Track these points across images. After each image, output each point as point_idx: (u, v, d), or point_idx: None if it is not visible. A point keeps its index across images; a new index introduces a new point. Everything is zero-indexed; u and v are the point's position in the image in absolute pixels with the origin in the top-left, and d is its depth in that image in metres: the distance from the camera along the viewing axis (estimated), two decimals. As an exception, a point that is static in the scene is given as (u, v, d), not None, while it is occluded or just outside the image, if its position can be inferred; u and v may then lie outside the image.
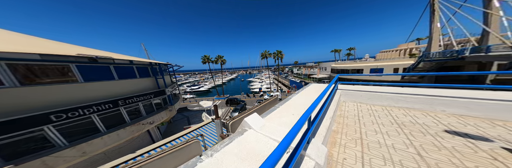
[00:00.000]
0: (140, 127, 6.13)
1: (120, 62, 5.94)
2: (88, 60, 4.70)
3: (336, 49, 38.08)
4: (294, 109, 1.93)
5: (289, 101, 2.32)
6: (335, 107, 2.04)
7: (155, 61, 8.09)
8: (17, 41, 3.92)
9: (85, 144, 4.03)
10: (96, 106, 4.49)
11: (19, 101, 3.20)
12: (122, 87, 5.87)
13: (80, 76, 4.41)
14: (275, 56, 22.70)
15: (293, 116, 1.67)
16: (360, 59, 31.80)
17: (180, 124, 12.66)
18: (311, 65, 53.53)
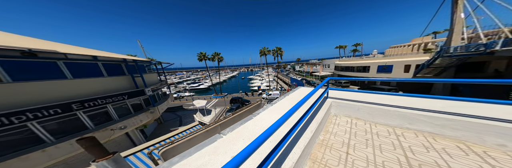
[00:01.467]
0: (108, 133, 5.25)
1: (75, 57, 4.92)
2: (20, 54, 3.69)
3: (341, 45, 35.26)
4: (259, 127, 1.38)
5: (263, 113, 1.76)
6: (317, 126, 1.38)
7: (130, 58, 7.01)
8: None
9: (15, 160, 3.13)
10: (32, 113, 3.54)
11: None
12: (81, 88, 4.90)
13: (4, 75, 3.41)
14: (275, 53, 21.36)
15: (243, 142, 1.14)
16: (367, 55, 29.32)
17: (171, 125, 11.95)
18: (314, 62, 51.31)
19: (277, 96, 18.39)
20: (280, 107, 1.94)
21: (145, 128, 8.69)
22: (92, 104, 4.94)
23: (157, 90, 9.38)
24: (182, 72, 78.01)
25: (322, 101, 1.99)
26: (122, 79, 6.58)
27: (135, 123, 6.50)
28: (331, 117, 1.99)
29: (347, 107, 1.94)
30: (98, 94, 5.24)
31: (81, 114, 4.73)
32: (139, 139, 8.14)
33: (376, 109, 1.72)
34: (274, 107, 1.92)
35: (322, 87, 1.77)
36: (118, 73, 6.46)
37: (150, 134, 10.08)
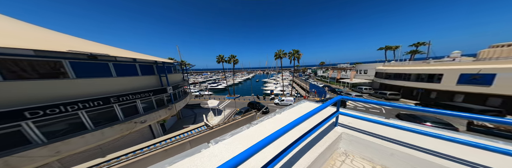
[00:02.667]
0: (132, 125, 6.06)
1: (122, 59, 6.09)
2: (88, 57, 4.84)
3: (388, 46, 25.67)
4: None
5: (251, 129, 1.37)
6: (308, 166, 0.91)
7: (161, 60, 8.16)
8: (15, 33, 4.23)
9: (60, 143, 3.95)
10: (82, 103, 4.47)
11: (7, 95, 3.26)
12: (119, 84, 5.95)
13: (72, 72, 4.50)
14: (291, 56, 19.79)
15: None
16: (438, 58, 19.16)
17: (188, 121, 13.02)
18: (344, 66, 43.92)
19: (290, 103, 16.74)
20: (274, 122, 1.53)
21: (164, 122, 9.76)
22: (125, 99, 5.87)
23: (179, 88, 10.49)
24: (207, 73, 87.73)
25: (326, 130, 1.37)
26: (151, 78, 7.66)
27: (155, 118, 7.28)
28: (337, 156, 1.30)
29: (369, 147, 1.20)
30: (131, 90, 6.22)
31: (116, 107, 5.66)
32: (159, 132, 9.12)
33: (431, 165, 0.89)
34: (264, 124, 1.51)
35: (330, 106, 1.21)
36: (149, 73, 7.57)
37: (169, 128, 11.26)
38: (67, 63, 4.38)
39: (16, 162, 3.25)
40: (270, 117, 1.65)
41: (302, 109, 1.98)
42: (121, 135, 5.69)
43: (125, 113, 6.06)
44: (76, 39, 6.99)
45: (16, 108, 3.31)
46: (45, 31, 6.01)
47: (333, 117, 1.29)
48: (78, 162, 4.74)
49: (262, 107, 14.55)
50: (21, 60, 3.61)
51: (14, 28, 4.66)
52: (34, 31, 5.33)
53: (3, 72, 3.33)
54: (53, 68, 4.19)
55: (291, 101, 16.78)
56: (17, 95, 3.48)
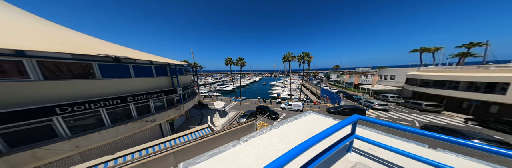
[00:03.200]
0: (143, 124, 6.41)
1: (140, 62, 6.67)
2: (113, 60, 5.43)
3: (425, 48, 21.21)
4: None
5: None
6: None
7: (173, 62, 8.72)
8: (53, 37, 4.89)
9: (81, 138, 4.33)
10: (103, 101, 4.91)
11: (40, 93, 3.78)
12: (138, 84, 6.45)
13: (99, 73, 5.05)
14: (301, 59, 18.84)
15: None
16: (500, 63, 14.76)
17: (195, 121, 13.39)
18: (365, 71, 39.38)
19: (298, 108, 15.75)
20: (268, 140, 1.28)
21: (173, 122, 10.18)
22: (140, 98, 6.30)
23: (188, 89, 10.97)
24: (217, 74, 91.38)
25: (336, 156, 1.05)
26: (164, 79, 8.17)
27: (164, 117, 7.61)
28: None
29: None
30: (146, 90, 6.68)
31: (131, 106, 6.10)
32: (167, 131, 9.50)
33: None
34: (255, 143, 1.26)
35: (350, 122, 0.90)
36: (162, 74, 8.11)
37: (177, 127, 11.70)
38: (96, 65, 4.95)
39: (42, 154, 3.64)
40: (264, 131, 1.43)
41: (305, 124, 1.65)
42: (132, 132, 6.04)
43: (139, 111, 6.47)
44: (100, 41, 7.85)
45: (49, 104, 3.79)
46: (74, 34, 6.91)
47: (346, 141, 1.00)
48: (95, 156, 5.13)
49: (271, 113, 13.56)
50: (60, 62, 4.20)
51: (51, 31, 5.49)
52: (67, 33, 6.21)
53: (45, 73, 3.90)
54: (84, 69, 4.78)
55: (299, 107, 15.77)
56: (53, 93, 4.01)
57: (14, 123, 3.40)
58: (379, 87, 20.89)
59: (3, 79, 3.37)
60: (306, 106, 18.24)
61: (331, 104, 18.96)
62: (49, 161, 3.90)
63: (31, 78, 3.69)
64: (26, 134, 3.62)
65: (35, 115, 3.65)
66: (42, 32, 4.97)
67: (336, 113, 14.34)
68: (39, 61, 3.79)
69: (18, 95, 3.50)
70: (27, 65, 3.61)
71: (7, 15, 5.03)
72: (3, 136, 3.34)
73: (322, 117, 2.01)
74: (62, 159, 4.49)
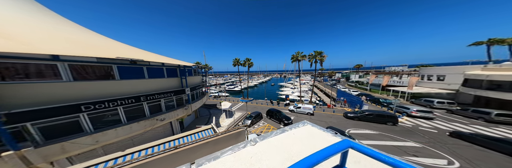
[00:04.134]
0: (153, 122, 6.87)
1: (153, 64, 7.23)
2: (130, 62, 6.02)
3: (495, 39, 15.76)
4: None
5: None
6: None
7: (183, 63, 9.21)
8: (81, 42, 5.62)
9: (101, 134, 4.83)
10: (120, 100, 5.42)
11: (69, 92, 4.38)
12: (150, 85, 6.95)
13: (118, 75, 5.62)
14: (312, 58, 17.25)
15: None
16: None
17: (203, 120, 13.90)
18: (398, 70, 33.09)
19: (309, 111, 14.49)
20: (244, 159, 1.02)
21: (182, 120, 10.74)
22: (152, 98, 6.79)
23: (197, 90, 11.44)
24: (227, 75, 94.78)
25: None
26: (174, 80, 8.66)
27: (173, 116, 8.02)
28: None
29: None
30: (158, 90, 7.18)
31: (145, 105, 6.62)
32: (177, 129, 10.05)
33: None
34: (232, 160, 1.04)
35: None
36: (173, 75, 8.62)
37: (187, 126, 12.32)
38: (115, 67, 5.54)
39: (69, 147, 4.17)
40: (235, 150, 1.15)
41: (291, 141, 1.25)
42: (144, 130, 6.50)
43: (151, 110, 6.97)
44: (118, 43, 8.75)
45: (76, 102, 4.35)
46: (97, 37, 7.81)
47: None
48: (115, 150, 5.69)
49: (284, 118, 12.11)
50: (87, 65, 4.82)
51: (80, 35, 6.33)
52: (91, 37, 7.05)
53: (74, 74, 4.53)
54: (106, 71, 5.39)
55: (309, 110, 14.52)
56: (79, 93, 4.60)
57: (50, 118, 4.00)
58: (420, 90, 16.60)
59: (42, 80, 4.04)
60: (318, 109, 16.72)
61: (350, 108, 16.74)
62: (74, 153, 4.46)
63: (63, 79, 4.32)
64: (57, 129, 4.22)
65: (66, 112, 4.23)
66: (73, 37, 5.80)
67: (355, 118, 12.53)
68: (70, 65, 4.42)
69: (52, 94, 4.13)
70: (60, 68, 4.25)
71: (46, 22, 5.99)
72: (41, 130, 3.97)
73: (318, 131, 1.54)
74: (88, 152, 5.15)
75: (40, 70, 4.01)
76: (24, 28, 4.67)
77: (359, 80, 33.04)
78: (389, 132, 10.28)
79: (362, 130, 10.79)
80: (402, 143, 8.64)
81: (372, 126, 11.45)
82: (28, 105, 3.70)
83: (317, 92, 28.85)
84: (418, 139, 9.06)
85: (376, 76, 26.37)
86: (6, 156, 3.18)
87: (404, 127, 11.17)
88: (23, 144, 3.67)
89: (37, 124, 3.91)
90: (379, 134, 9.97)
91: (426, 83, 17.80)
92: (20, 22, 4.89)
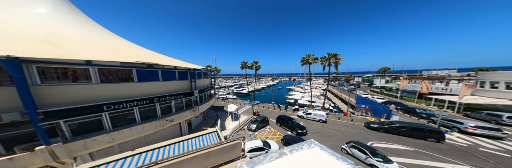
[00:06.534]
0: (163, 122, 7.22)
1: (167, 67, 7.82)
2: (147, 66, 6.64)
3: None
4: None
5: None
6: None
7: (193, 66, 9.73)
8: (108, 47, 6.35)
9: (117, 132, 5.25)
10: (136, 101, 5.90)
11: (96, 93, 4.96)
12: (163, 87, 7.40)
13: (136, 77, 6.20)
14: (325, 61, 15.96)
15: None
16: None
17: (210, 122, 14.11)
18: (443, 75, 26.50)
19: (321, 119, 13.19)
20: None
21: (190, 122, 11.08)
22: (164, 99, 7.22)
23: (205, 92, 11.84)
24: (236, 77, 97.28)
25: None
26: (184, 83, 9.13)
27: (181, 118, 8.32)
28: None
29: None
30: (170, 92, 7.64)
31: (157, 106, 7.06)
32: (185, 130, 10.38)
33: None
34: None
35: None
36: (183, 78, 9.11)
37: (194, 127, 12.66)
38: (135, 70, 6.14)
39: (90, 144, 4.62)
40: (281, 156, 0.96)
41: None
42: (155, 130, 6.85)
43: (163, 111, 7.38)
44: (137, 47, 9.62)
45: (100, 102, 4.89)
46: (121, 42, 8.70)
47: None
48: (129, 148, 6.11)
49: (297, 127, 10.59)
50: (112, 69, 5.47)
51: (105, 40, 7.19)
52: (115, 41, 7.91)
53: (101, 77, 5.16)
54: (127, 74, 6.01)
55: (321, 117, 13.14)
56: (103, 94, 5.18)
57: (79, 117, 4.55)
58: (480, 101, 13.27)
59: (76, 82, 4.70)
60: (333, 116, 15.07)
61: (375, 117, 14.35)
62: (95, 150, 4.90)
63: (92, 81, 4.95)
64: (83, 126, 4.76)
65: (92, 111, 4.78)
66: (103, 42, 6.66)
67: (381, 130, 10.59)
68: (100, 69, 5.07)
69: (83, 95, 4.74)
70: (91, 72, 4.91)
71: (86, 28, 7.02)
72: (70, 127, 4.53)
73: (328, 158, 1.10)
74: (107, 149, 5.64)
75: (75, 73, 4.71)
76: (69, 35, 5.59)
77: (386, 85, 28.84)
78: (431, 150, 8.17)
79: (390, 145, 8.95)
80: (450, 166, 6.75)
81: (405, 140, 9.38)
82: (62, 104, 4.28)
83: (331, 97, 26.73)
84: (478, 163, 6.98)
85: (410, 81, 22.03)
86: (39, 150, 3.66)
87: (455, 145, 8.72)
88: (53, 139, 4.19)
89: (68, 121, 4.47)
90: (415, 151, 8.01)
91: (488, 92, 14.19)
92: (68, 31, 5.89)
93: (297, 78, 44.11)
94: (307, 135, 10.82)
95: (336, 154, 1.24)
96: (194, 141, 4.67)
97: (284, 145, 9.27)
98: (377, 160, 6.41)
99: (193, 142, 4.61)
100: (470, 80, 17.60)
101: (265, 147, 8.12)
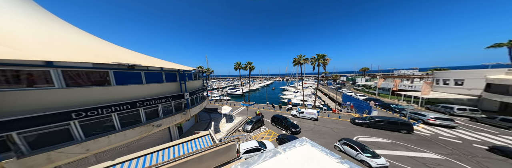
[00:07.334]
0: (149, 128, 6.57)
1: (152, 68, 7.17)
2: (127, 67, 5.96)
3: None
4: None
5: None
6: None
7: (183, 68, 9.15)
8: (77, 46, 5.51)
9: (91, 142, 4.56)
10: (115, 107, 5.23)
11: (62, 99, 4.24)
12: (148, 90, 6.75)
13: (114, 80, 5.52)
14: (315, 61, 16.92)
15: None
16: None
17: (203, 125, 13.42)
18: (409, 74, 32.15)
19: (312, 117, 13.72)
20: None
21: (181, 126, 10.36)
22: (149, 103, 6.58)
23: (196, 94, 11.23)
24: (230, 79, 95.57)
25: None
26: (173, 85, 8.50)
27: (170, 122, 7.70)
28: None
29: None
30: (156, 96, 6.99)
31: (141, 110, 6.39)
32: (176, 135, 9.66)
33: None
34: None
35: None
36: (172, 80, 8.49)
37: (186, 131, 11.90)
38: (112, 72, 5.46)
39: (55, 157, 3.91)
40: (275, 154, 1.02)
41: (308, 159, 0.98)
42: (139, 136, 6.18)
43: (148, 116, 6.72)
44: (116, 47, 8.68)
45: (67, 110, 4.19)
46: (94, 40, 7.70)
47: None
48: (109, 158, 5.37)
49: (290, 126, 10.94)
50: (82, 71, 4.76)
51: (75, 39, 6.26)
52: (87, 40, 6.92)
53: (67, 81, 4.44)
54: (102, 77, 5.30)
55: (313, 115, 13.75)
56: (71, 99, 4.46)
57: (38, 127, 3.81)
58: (437, 95, 15.63)
59: (33, 87, 3.95)
60: (323, 114, 15.82)
61: (358, 113, 15.76)
62: (63, 163, 4.16)
63: (55, 86, 4.22)
64: (45, 137, 4.01)
65: (56, 120, 4.05)
66: (70, 41, 5.79)
67: (364, 125, 11.72)
68: (64, 71, 4.35)
69: (43, 102, 4.00)
70: (53, 74, 4.18)
71: (45, 24, 6.00)
72: (26, 139, 3.77)
73: (319, 154, 1.20)
74: (79, 160, 4.85)
75: (31, 76, 3.96)
76: (23, 32, 4.69)
77: (366, 84, 31.66)
78: (404, 141, 9.40)
79: (372, 138, 9.91)
80: (420, 154, 7.80)
81: (383, 133, 10.52)
82: (15, 113, 3.55)
83: (321, 96, 27.92)
84: (439, 150, 8.17)
85: (384, 80, 25.15)
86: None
87: (421, 136, 10.11)
88: (5, 155, 3.44)
89: (23, 133, 3.72)
90: (392, 143, 9.08)
91: (442, 88, 16.59)
92: (19, 26, 4.92)
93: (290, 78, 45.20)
94: (300, 133, 11.14)
95: (325, 150, 1.31)
96: (186, 145, 4.31)
97: (279, 145, 9.34)
98: (366, 156, 6.75)
99: (185, 146, 4.25)
100: (428, 78, 20.44)
101: (261, 147, 8.00)
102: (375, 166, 6.30)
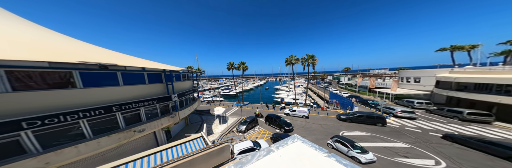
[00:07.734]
0: (130, 134, 5.86)
1: (131, 69, 6.39)
2: (99, 67, 5.17)
3: (456, 46, 18.30)
4: None
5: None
6: None
7: (169, 68, 8.42)
8: (30, 42, 4.58)
9: (52, 154, 3.81)
10: (83, 112, 4.49)
11: (7, 106, 3.42)
12: (125, 93, 6.00)
13: (80, 82, 4.72)
14: (305, 61, 17.71)
15: None
16: None
17: (194, 128, 12.69)
18: (381, 73, 36.02)
19: (304, 114, 14.20)
20: None
21: (168, 130, 9.60)
22: (128, 107, 5.85)
23: (186, 95, 10.52)
24: (223, 79, 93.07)
25: None
26: (158, 86, 7.76)
27: (156, 126, 7.02)
28: None
29: None
30: (136, 98, 6.25)
31: (118, 115, 5.64)
32: (163, 139, 8.88)
33: None
34: None
35: None
36: (156, 81, 7.74)
37: (175, 135, 11.07)
38: (77, 73, 4.66)
39: None
40: (268, 152, 1.08)
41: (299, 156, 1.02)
42: (117, 144, 5.46)
43: (127, 121, 5.99)
44: (87, 46, 7.53)
45: (14, 118, 3.41)
46: (57, 37, 6.61)
47: None
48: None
49: (284, 124, 11.22)
50: (34, 71, 3.93)
51: (29, 34, 5.25)
52: (46, 37, 5.86)
53: (13, 83, 3.61)
54: (63, 79, 4.48)
55: (304, 113, 14.21)
56: (22, 106, 3.65)
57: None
58: (402, 91, 18.12)
59: None
60: (313, 111, 16.47)
61: (342, 110, 16.91)
62: None
63: (-4, 89, 3.38)
64: None
65: (6, 129, 3.24)
66: (18, 37, 4.81)
67: (348, 120, 12.67)
68: (8, 71, 3.52)
69: None
70: None
71: None
72: None
73: (309, 149, 1.29)
74: None
75: None
76: None
77: (348, 82, 34.41)
78: (380, 133, 10.29)
79: (355, 132, 10.74)
80: (392, 144, 8.60)
81: (364, 127, 11.51)
82: None
83: (311, 94, 29.05)
84: (406, 140, 9.17)
85: (363, 79, 27.74)
86: None
87: (392, 127, 11.34)
88: None
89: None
90: (371, 136, 9.98)
91: (406, 85, 19.29)
92: None
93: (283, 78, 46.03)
94: (293, 131, 11.43)
95: (314, 145, 1.39)
96: (176, 149, 3.96)
97: (273, 143, 9.38)
98: (356, 152, 7.11)
99: (174, 151, 3.88)
100: (396, 76, 23.50)
101: (256, 147, 7.85)
102: (364, 161, 6.67)
